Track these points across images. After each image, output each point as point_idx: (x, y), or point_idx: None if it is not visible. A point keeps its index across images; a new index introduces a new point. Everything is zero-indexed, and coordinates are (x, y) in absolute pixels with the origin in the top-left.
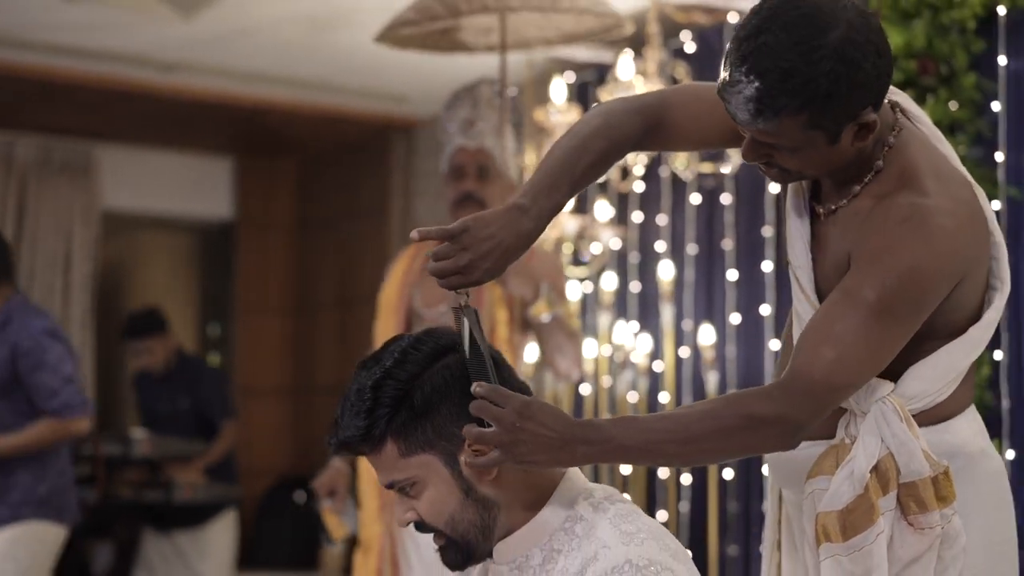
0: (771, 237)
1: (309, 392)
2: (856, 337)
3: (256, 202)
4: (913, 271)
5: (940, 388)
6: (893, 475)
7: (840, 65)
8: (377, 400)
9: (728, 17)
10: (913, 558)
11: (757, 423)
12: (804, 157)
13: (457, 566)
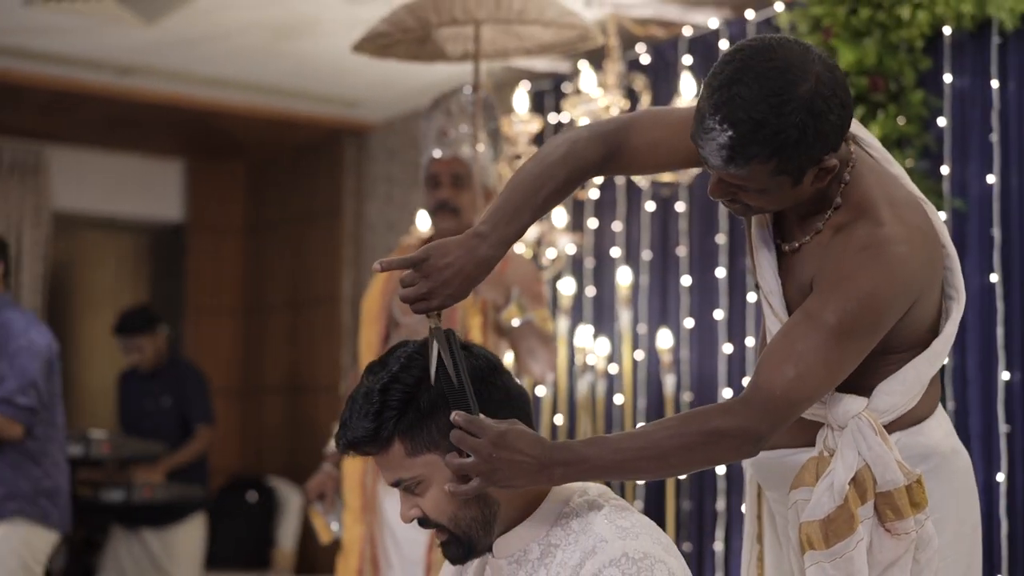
0: (724, 244)
1: (259, 393)
2: (816, 357)
3: (207, 204)
4: (871, 296)
5: (909, 400)
6: (870, 486)
7: (808, 117)
8: (385, 403)
9: (683, 31)
10: (891, 561)
11: (719, 436)
12: (769, 198)
13: (458, 560)
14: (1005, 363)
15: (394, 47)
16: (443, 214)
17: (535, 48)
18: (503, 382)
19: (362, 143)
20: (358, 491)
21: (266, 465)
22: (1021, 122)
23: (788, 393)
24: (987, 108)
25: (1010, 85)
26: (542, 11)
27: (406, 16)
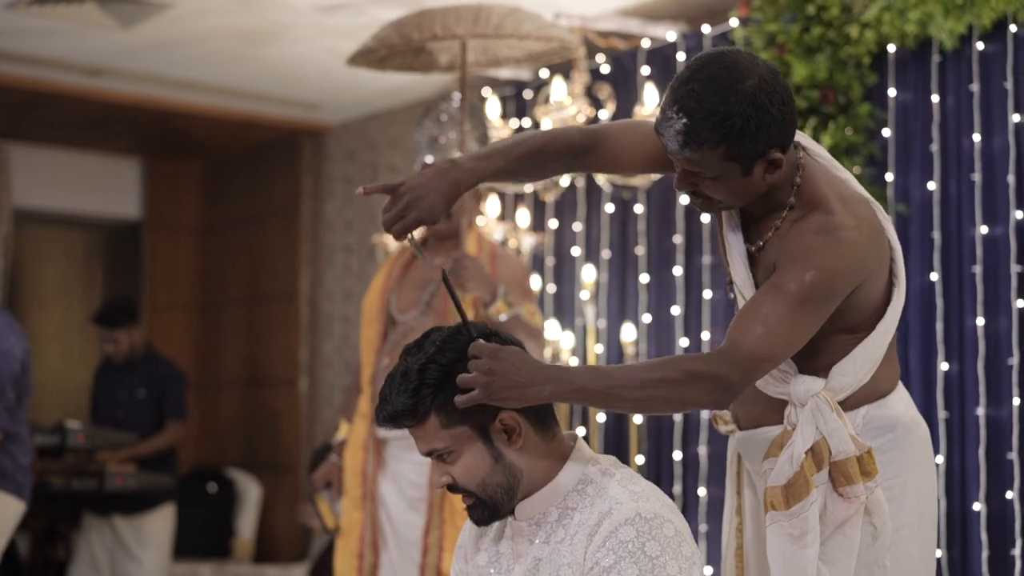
0: (681, 244)
1: (216, 387)
2: (779, 319)
3: (164, 202)
4: (824, 269)
5: (861, 377)
6: (826, 455)
7: (751, 108)
8: (423, 381)
9: (642, 43)
10: (843, 520)
11: (695, 377)
12: (723, 186)
13: (483, 522)
14: (944, 355)
15: (389, 60)
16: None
17: (523, 57)
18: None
19: (319, 144)
20: (359, 480)
21: (223, 457)
22: (959, 134)
23: (756, 348)
24: (928, 120)
25: (949, 100)
26: (519, 26)
27: (391, 33)
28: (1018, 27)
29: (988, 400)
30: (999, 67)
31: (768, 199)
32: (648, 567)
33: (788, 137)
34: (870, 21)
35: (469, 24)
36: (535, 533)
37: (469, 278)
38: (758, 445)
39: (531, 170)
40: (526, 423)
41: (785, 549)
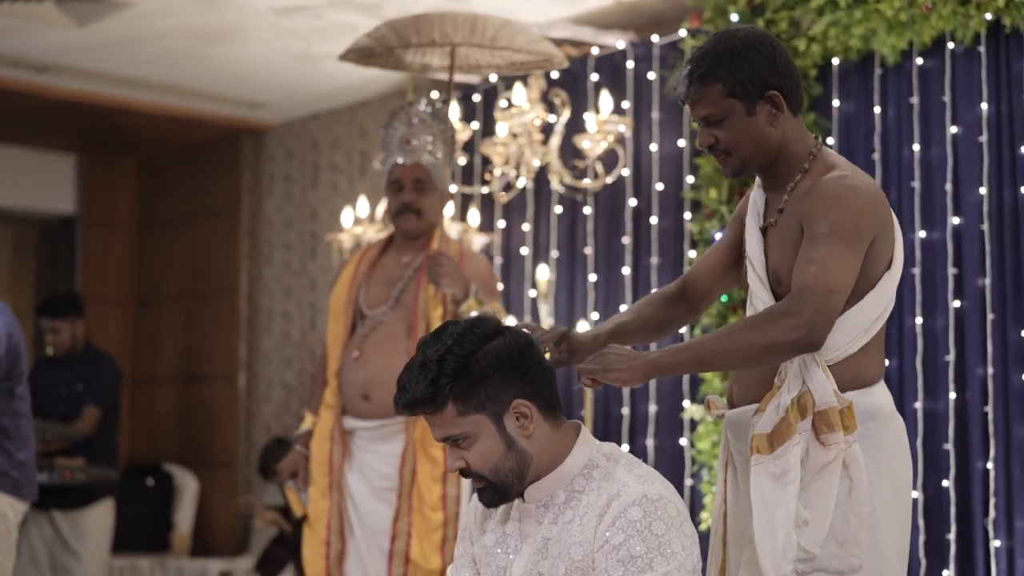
0: (629, 245)
1: (152, 382)
2: (826, 254)
3: (99, 198)
4: (847, 208)
5: (849, 342)
6: (810, 405)
7: (742, 46)
8: (441, 371)
9: (592, 50)
10: (823, 465)
11: (772, 316)
12: (734, 131)
13: (492, 504)
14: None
15: (377, 58)
16: (406, 215)
17: (505, 66)
18: (537, 355)
19: (259, 143)
20: (325, 470)
21: (160, 452)
22: (900, 143)
23: (817, 282)
24: (870, 130)
25: (890, 111)
26: (513, 38)
27: (389, 33)
28: (956, 44)
29: (926, 394)
30: (937, 81)
31: (786, 166)
32: (655, 544)
33: (786, 84)
34: (816, 36)
35: (466, 33)
36: (543, 515)
37: (445, 275)
38: (746, 424)
39: (649, 322)
40: (536, 412)
41: (767, 488)
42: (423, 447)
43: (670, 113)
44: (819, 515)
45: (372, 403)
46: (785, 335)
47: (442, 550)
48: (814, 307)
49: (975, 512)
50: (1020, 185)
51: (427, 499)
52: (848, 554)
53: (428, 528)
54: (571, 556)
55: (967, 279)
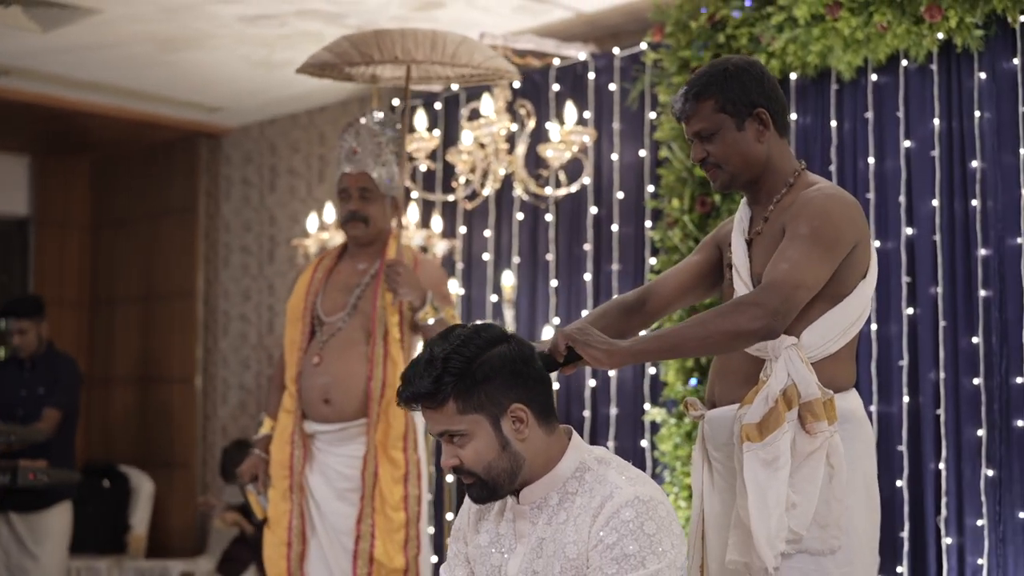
0: (590, 251)
1: (107, 383)
2: (799, 254)
3: (53, 199)
4: (827, 215)
5: (827, 342)
6: (795, 397)
7: (734, 69)
8: (445, 369)
9: (553, 61)
10: (809, 452)
11: (741, 305)
12: (724, 144)
13: (481, 500)
14: None
15: (330, 70)
16: (353, 223)
17: (456, 78)
18: (537, 365)
19: (216, 146)
20: (285, 472)
21: (115, 453)
22: (855, 156)
23: (786, 277)
24: (827, 143)
25: (846, 125)
26: (471, 55)
27: (350, 49)
28: (909, 62)
29: (880, 398)
30: (892, 97)
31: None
32: (646, 543)
33: (772, 103)
34: (776, 51)
35: (427, 50)
36: (537, 515)
37: (402, 283)
38: (727, 424)
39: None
40: (532, 417)
41: (759, 473)
42: (384, 450)
43: (631, 124)
44: (806, 499)
45: (333, 407)
46: (752, 323)
47: (405, 549)
48: (780, 298)
49: (927, 511)
50: (971, 198)
51: (389, 500)
52: (829, 536)
53: (391, 528)
54: (566, 555)
55: (920, 287)
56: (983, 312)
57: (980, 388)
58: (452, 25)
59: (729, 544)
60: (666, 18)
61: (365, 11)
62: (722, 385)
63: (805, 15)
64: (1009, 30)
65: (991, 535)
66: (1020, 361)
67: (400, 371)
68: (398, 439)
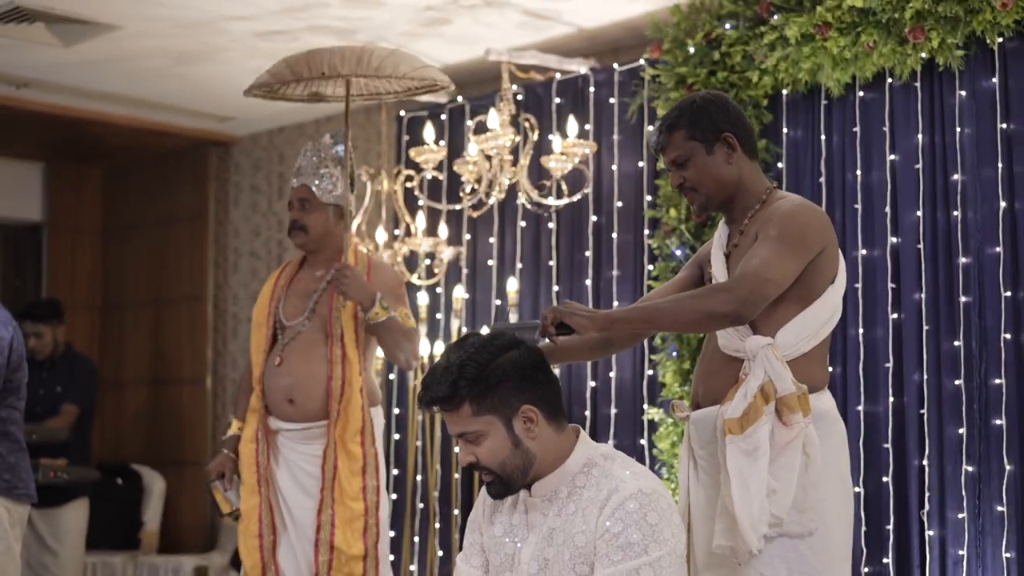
0: (590, 257)
1: (119, 385)
2: (769, 252)
3: (66, 205)
4: (796, 218)
5: (800, 342)
6: (772, 392)
7: (701, 101)
8: (461, 375)
9: (555, 76)
10: (786, 443)
11: (713, 291)
12: (698, 168)
13: (499, 496)
14: (829, 359)
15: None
16: (295, 232)
17: (401, 91)
18: (546, 368)
19: (225, 154)
20: (253, 468)
21: (127, 452)
22: (844, 168)
23: (756, 271)
24: (816, 156)
25: (835, 139)
26: (396, 66)
27: (284, 69)
28: (894, 80)
29: (866, 398)
30: (878, 113)
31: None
32: (649, 532)
33: (737, 128)
34: (768, 68)
35: (353, 65)
36: (548, 507)
37: (348, 286)
38: (710, 423)
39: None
40: (542, 417)
41: (741, 462)
42: (343, 444)
43: (630, 136)
44: (785, 486)
45: (296, 407)
46: (722, 307)
47: (364, 536)
48: (749, 288)
49: (911, 505)
50: (952, 209)
51: (348, 491)
52: (807, 519)
53: (350, 517)
54: (575, 543)
55: (904, 294)
56: (964, 317)
57: (961, 389)
58: (458, 40)
59: (716, 531)
60: (664, 35)
61: (374, 27)
62: (705, 387)
63: (796, 35)
64: (988, 51)
65: (971, 527)
66: (999, 363)
67: (356, 370)
68: (356, 433)
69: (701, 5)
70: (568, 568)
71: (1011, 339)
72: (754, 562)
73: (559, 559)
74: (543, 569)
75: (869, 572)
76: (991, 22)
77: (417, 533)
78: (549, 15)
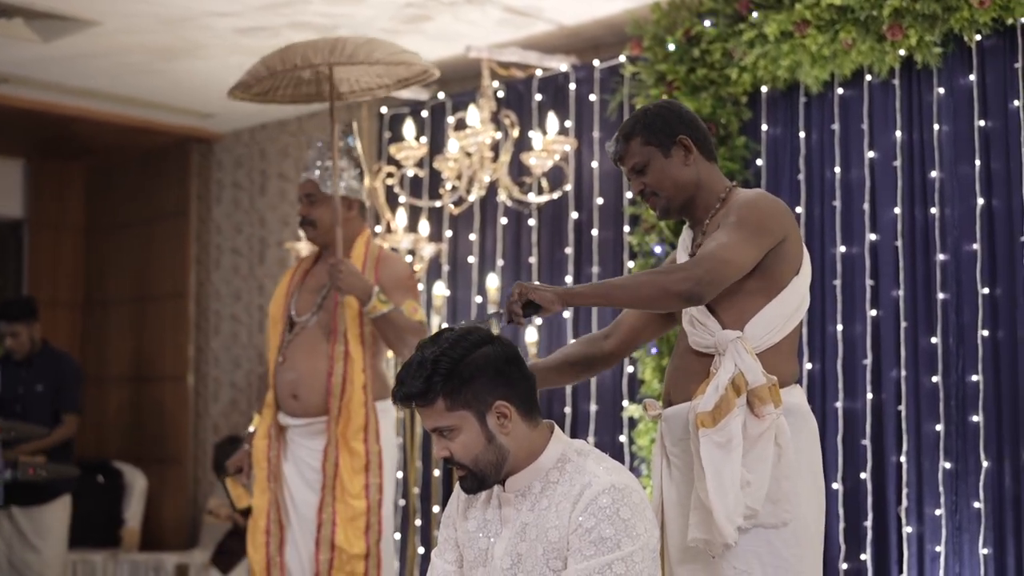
0: (571, 254)
1: (100, 382)
2: (727, 237)
3: (47, 202)
4: (754, 207)
5: (769, 333)
6: (743, 384)
7: (656, 108)
8: (435, 370)
9: (536, 72)
10: (758, 435)
11: (671, 269)
12: (657, 173)
13: (472, 491)
14: (808, 356)
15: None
16: (304, 227)
17: (391, 83)
18: (521, 364)
19: (207, 150)
20: (263, 464)
21: (109, 450)
22: (822, 165)
23: (713, 253)
24: (795, 153)
25: (813, 135)
26: (370, 54)
27: (259, 66)
28: (873, 77)
29: (845, 395)
30: (857, 110)
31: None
32: (622, 527)
33: (692, 131)
34: (747, 66)
35: (325, 54)
36: (521, 502)
37: (343, 280)
38: (682, 420)
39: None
40: (516, 413)
41: (715, 455)
42: (345, 441)
43: (610, 133)
44: (759, 477)
45: (300, 402)
46: (677, 285)
47: (366, 535)
48: (706, 268)
49: (889, 501)
50: (930, 206)
51: (349, 489)
52: (781, 510)
53: (352, 515)
54: (548, 538)
55: (883, 290)
56: (941, 314)
57: (939, 385)
58: (439, 37)
59: (690, 524)
60: (644, 32)
61: (355, 23)
62: (676, 385)
63: (775, 32)
64: (966, 48)
65: (948, 524)
66: (975, 360)
67: (359, 367)
68: (358, 431)
69: (681, 3)
70: (541, 563)
71: (988, 336)
72: (727, 555)
73: (532, 554)
74: (516, 564)
75: (847, 569)
76: (969, 20)
77: (398, 530)
78: (530, 12)
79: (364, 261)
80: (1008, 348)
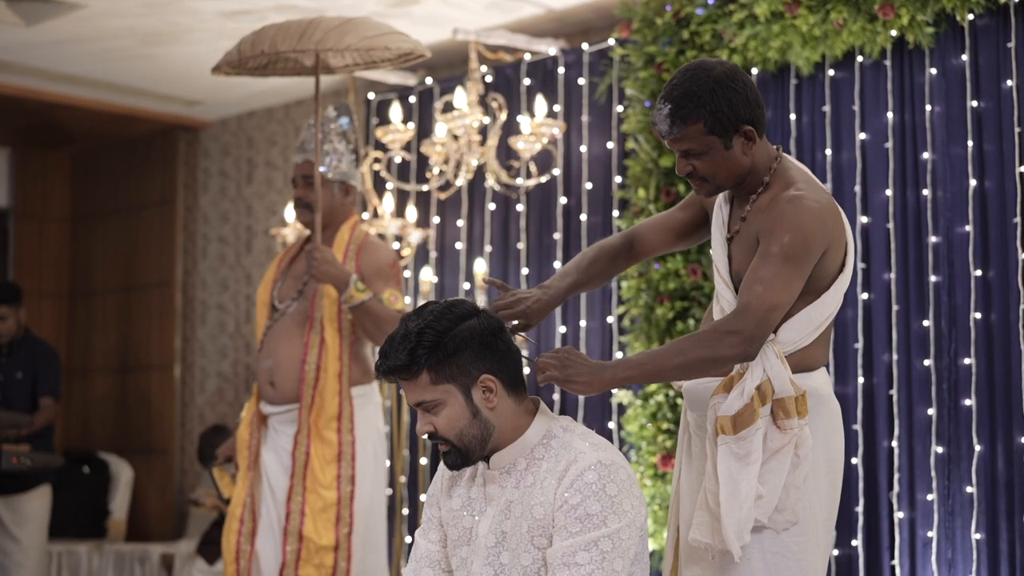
0: (560, 240)
1: (86, 372)
2: (772, 275)
3: (32, 191)
4: (798, 230)
5: (803, 337)
6: (769, 393)
7: (719, 87)
8: (419, 343)
9: (524, 56)
10: (778, 448)
11: (720, 335)
12: (712, 161)
13: (456, 467)
14: None
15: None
16: (300, 209)
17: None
18: (506, 337)
19: (194, 139)
20: (246, 452)
21: (95, 440)
22: (813, 148)
23: (761, 300)
24: (786, 136)
25: (804, 118)
26: (340, 39)
27: (233, 51)
28: (864, 58)
29: (836, 379)
30: (848, 92)
31: (751, 181)
32: (608, 503)
33: (756, 115)
34: (737, 47)
35: (294, 40)
36: (506, 479)
37: (319, 268)
38: (703, 393)
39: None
40: (501, 387)
41: (731, 466)
42: (317, 429)
43: (599, 117)
44: (771, 491)
45: (277, 390)
46: (729, 350)
47: (336, 527)
48: (755, 322)
49: (881, 486)
50: (922, 188)
51: (321, 479)
52: (783, 518)
53: (322, 506)
54: (533, 515)
55: (874, 273)
56: (933, 297)
57: (931, 369)
58: (426, 21)
59: (693, 524)
60: (633, 15)
61: (341, 7)
62: None
63: (765, 12)
64: (958, 28)
65: (940, 509)
66: (968, 343)
67: (334, 355)
68: (331, 420)
69: None
70: (526, 540)
71: (980, 319)
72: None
73: (517, 532)
74: (500, 542)
75: (838, 555)
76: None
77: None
78: None
79: (347, 247)
80: (1001, 331)
